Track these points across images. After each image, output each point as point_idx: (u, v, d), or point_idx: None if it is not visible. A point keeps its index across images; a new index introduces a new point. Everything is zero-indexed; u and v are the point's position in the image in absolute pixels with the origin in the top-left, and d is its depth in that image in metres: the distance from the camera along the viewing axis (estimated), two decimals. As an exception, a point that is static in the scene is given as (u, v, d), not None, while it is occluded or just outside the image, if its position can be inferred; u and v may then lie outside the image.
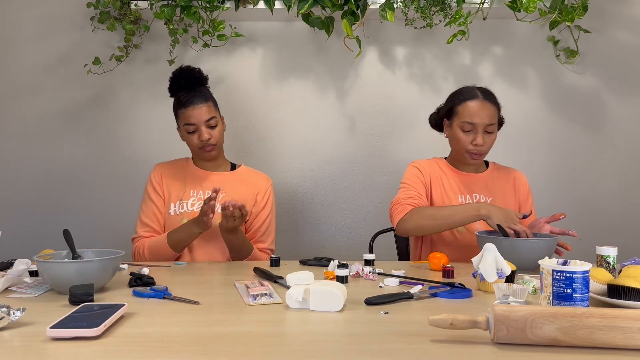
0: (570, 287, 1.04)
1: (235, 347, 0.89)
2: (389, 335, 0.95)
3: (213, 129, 1.89)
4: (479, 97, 1.83)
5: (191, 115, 1.86)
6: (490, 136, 1.83)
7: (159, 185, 1.95)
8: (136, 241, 1.90)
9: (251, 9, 2.41)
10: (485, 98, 1.83)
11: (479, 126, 1.80)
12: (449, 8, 2.32)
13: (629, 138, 2.55)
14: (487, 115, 1.80)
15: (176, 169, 1.99)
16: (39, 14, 2.54)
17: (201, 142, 1.88)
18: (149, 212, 1.91)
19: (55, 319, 0.97)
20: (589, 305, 1.06)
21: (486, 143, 1.82)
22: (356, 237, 2.59)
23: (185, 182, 1.95)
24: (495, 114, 1.83)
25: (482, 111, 1.80)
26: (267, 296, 1.22)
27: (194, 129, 1.87)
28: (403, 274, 1.48)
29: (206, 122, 1.87)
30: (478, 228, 1.83)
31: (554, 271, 1.05)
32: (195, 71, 1.93)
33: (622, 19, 2.54)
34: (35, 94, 2.55)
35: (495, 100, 1.86)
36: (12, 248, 2.08)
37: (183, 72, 1.92)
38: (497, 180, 1.93)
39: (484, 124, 1.80)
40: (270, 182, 2.02)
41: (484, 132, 1.81)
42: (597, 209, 2.55)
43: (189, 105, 1.85)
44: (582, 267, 1.05)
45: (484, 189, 1.90)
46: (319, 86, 2.57)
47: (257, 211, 1.95)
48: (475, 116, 1.81)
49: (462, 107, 1.84)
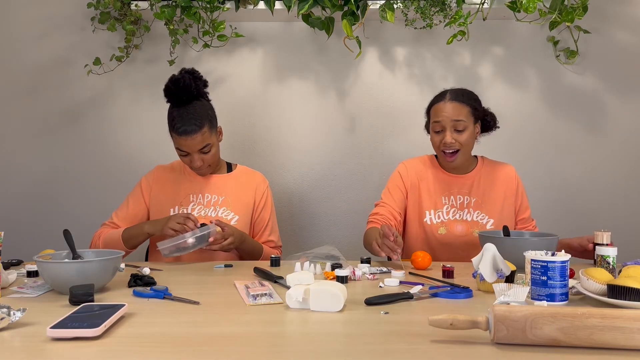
0: (546, 275, 1.13)
1: (235, 347, 0.89)
2: (389, 335, 0.95)
3: (206, 154, 1.85)
4: (445, 98, 1.86)
5: (183, 144, 1.81)
6: (461, 134, 1.84)
7: (148, 191, 1.94)
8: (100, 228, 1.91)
9: (251, 10, 2.41)
10: (453, 98, 1.85)
11: (445, 124, 1.83)
12: (449, 8, 2.32)
13: (629, 138, 2.55)
14: (453, 113, 1.82)
15: (174, 172, 1.98)
16: (39, 14, 2.54)
17: (191, 167, 1.88)
18: (123, 213, 1.92)
19: (56, 319, 0.97)
20: (568, 294, 1.15)
21: (458, 140, 1.83)
22: (356, 237, 2.58)
23: (183, 186, 1.94)
24: (463, 111, 1.84)
25: (448, 109, 1.83)
26: (267, 296, 1.22)
27: (185, 154, 1.85)
28: (402, 274, 1.48)
29: (199, 150, 1.83)
30: (459, 230, 1.86)
31: (532, 260, 1.16)
32: (191, 88, 1.81)
33: (622, 19, 2.54)
34: (35, 94, 2.56)
35: (467, 100, 1.86)
36: (13, 248, 2.08)
37: (178, 86, 1.81)
38: (485, 177, 1.94)
39: (450, 120, 1.82)
40: (267, 181, 2.03)
41: (454, 130, 1.83)
42: (597, 209, 2.55)
43: (181, 135, 1.79)
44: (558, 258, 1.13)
45: (468, 190, 1.92)
46: (319, 86, 2.57)
47: (258, 212, 1.96)
48: (440, 114, 1.84)
49: (432, 110, 1.90)
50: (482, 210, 1.89)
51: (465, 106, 1.84)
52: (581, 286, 1.20)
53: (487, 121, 1.95)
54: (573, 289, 1.23)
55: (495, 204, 1.90)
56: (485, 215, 1.89)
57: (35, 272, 1.50)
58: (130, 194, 1.97)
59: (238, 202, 1.93)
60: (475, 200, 1.90)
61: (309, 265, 1.53)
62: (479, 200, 1.90)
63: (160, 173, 1.98)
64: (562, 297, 1.13)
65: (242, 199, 1.93)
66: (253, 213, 1.96)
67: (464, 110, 1.84)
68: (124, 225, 1.89)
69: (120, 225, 1.89)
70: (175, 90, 1.82)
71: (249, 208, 1.95)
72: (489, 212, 1.89)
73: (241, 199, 1.94)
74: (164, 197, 1.92)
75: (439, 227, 1.88)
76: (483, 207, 1.89)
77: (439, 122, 1.84)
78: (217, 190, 1.93)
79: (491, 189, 1.92)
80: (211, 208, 1.90)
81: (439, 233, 1.88)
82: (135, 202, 1.93)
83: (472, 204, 1.90)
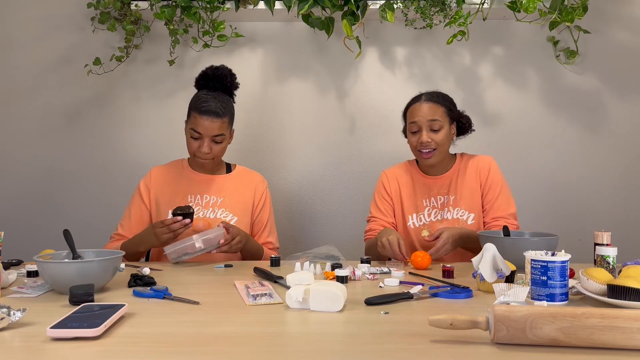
0: (546, 275, 1.13)
1: (235, 347, 0.89)
2: (389, 335, 0.95)
3: (216, 144, 1.86)
4: (420, 100, 1.91)
5: (201, 124, 1.82)
6: (437, 134, 1.87)
7: (147, 194, 1.92)
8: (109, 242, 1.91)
9: (251, 10, 2.41)
10: (427, 99, 1.89)
11: (421, 123, 1.87)
12: (449, 8, 2.32)
13: (629, 138, 2.55)
14: (428, 113, 1.86)
15: (172, 173, 1.97)
16: (39, 14, 2.54)
17: (198, 151, 1.87)
18: (127, 223, 1.91)
19: (56, 319, 0.97)
20: (568, 294, 1.15)
21: (434, 140, 1.86)
22: (356, 237, 2.58)
23: (181, 187, 1.93)
24: (439, 111, 1.87)
25: (424, 110, 1.87)
26: (267, 296, 1.22)
27: (198, 136, 1.85)
28: (402, 275, 1.48)
29: (213, 136, 1.84)
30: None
31: (532, 260, 1.16)
32: (227, 79, 1.89)
33: (621, 19, 2.54)
34: (35, 94, 2.56)
35: (442, 101, 1.90)
36: (13, 248, 2.08)
37: (216, 74, 1.88)
38: (462, 174, 1.94)
39: (425, 120, 1.86)
40: (265, 182, 2.03)
41: (429, 130, 1.87)
42: (596, 209, 2.55)
43: (203, 114, 1.81)
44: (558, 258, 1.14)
45: (446, 189, 1.93)
46: (319, 86, 2.57)
47: (257, 213, 1.96)
48: (416, 115, 1.88)
49: (408, 112, 1.94)
50: (461, 207, 1.90)
51: (440, 106, 1.88)
52: (581, 286, 1.20)
53: (463, 123, 1.97)
54: (573, 289, 1.23)
55: (473, 197, 1.91)
56: (465, 211, 1.89)
57: (35, 272, 1.50)
58: (130, 201, 1.95)
59: (237, 203, 1.93)
60: (454, 198, 1.91)
61: (309, 265, 1.54)
62: (457, 198, 1.91)
63: (157, 174, 1.96)
64: (562, 297, 1.13)
65: (240, 199, 1.93)
66: (252, 214, 1.96)
67: (439, 111, 1.88)
68: (130, 235, 1.88)
69: (127, 235, 1.88)
70: (212, 76, 1.87)
71: (248, 209, 1.94)
72: (469, 207, 1.90)
73: (240, 199, 1.93)
74: (163, 198, 1.91)
75: (422, 229, 1.91)
76: (462, 204, 1.90)
77: (415, 122, 1.88)
78: (216, 191, 1.93)
79: (467, 183, 1.92)
80: (210, 209, 1.90)
81: (422, 236, 1.90)
82: (137, 209, 1.92)
83: (451, 202, 1.90)
